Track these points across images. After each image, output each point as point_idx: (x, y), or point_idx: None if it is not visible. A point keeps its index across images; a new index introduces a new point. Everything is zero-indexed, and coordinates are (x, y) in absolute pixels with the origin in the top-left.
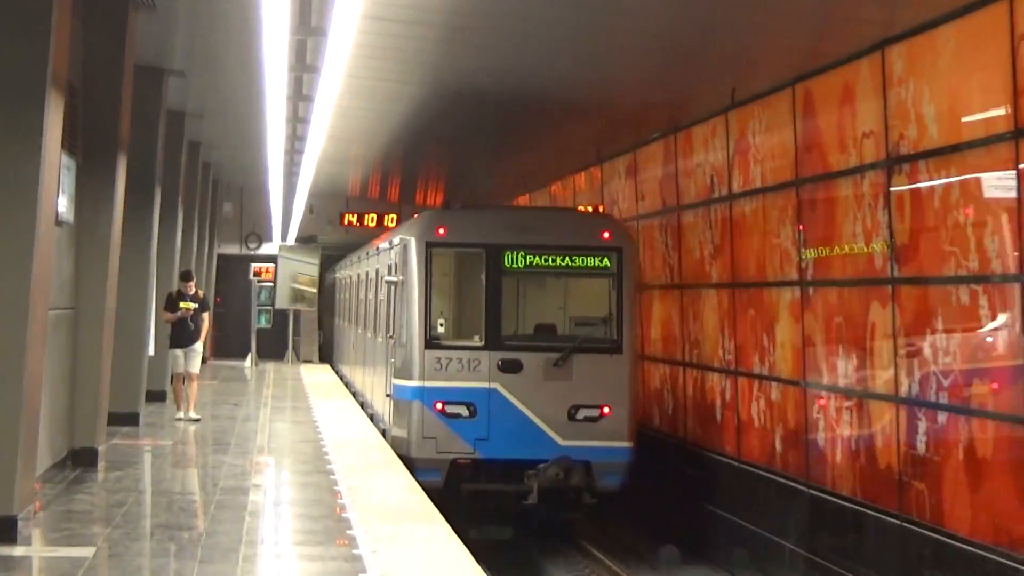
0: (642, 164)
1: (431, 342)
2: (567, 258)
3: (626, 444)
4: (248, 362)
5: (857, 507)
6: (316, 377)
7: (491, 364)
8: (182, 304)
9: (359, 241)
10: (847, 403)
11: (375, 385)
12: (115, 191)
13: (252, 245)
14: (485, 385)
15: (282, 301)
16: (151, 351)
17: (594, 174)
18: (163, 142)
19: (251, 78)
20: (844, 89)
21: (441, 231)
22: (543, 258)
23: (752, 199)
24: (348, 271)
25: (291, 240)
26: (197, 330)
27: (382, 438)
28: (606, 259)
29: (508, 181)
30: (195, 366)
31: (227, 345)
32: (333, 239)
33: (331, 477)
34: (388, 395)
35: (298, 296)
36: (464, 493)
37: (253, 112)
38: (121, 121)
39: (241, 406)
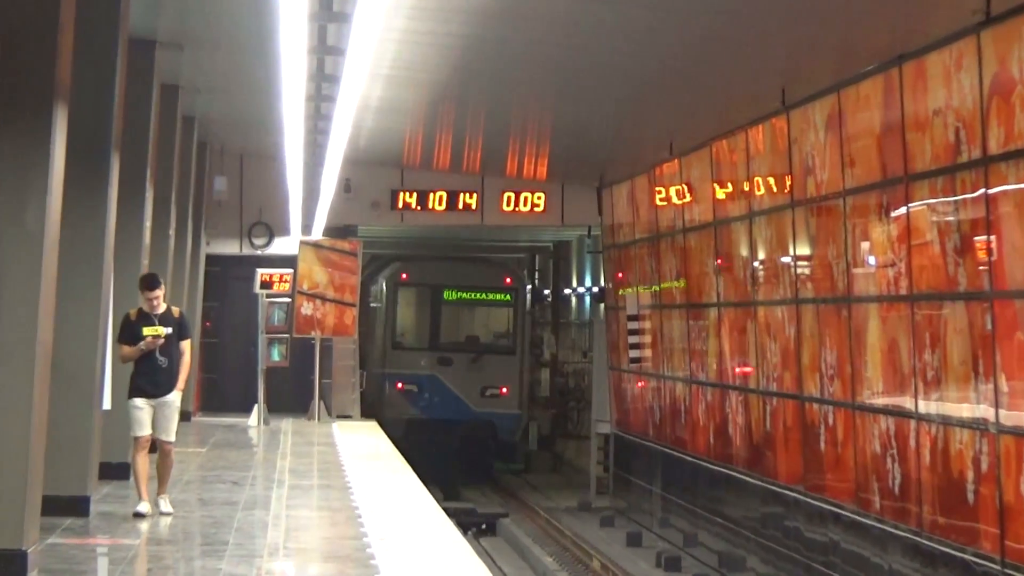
0: (850, 111)
1: (396, 344)
2: (484, 294)
3: (517, 411)
4: (253, 419)
5: None
6: (356, 440)
7: (433, 359)
8: (146, 330)
9: (421, 235)
10: None
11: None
12: (50, 162)
13: (259, 241)
14: (428, 372)
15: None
16: (107, 403)
17: (778, 127)
18: (123, 86)
19: None
20: None
21: (404, 276)
22: (469, 293)
23: (1019, 164)
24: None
25: (318, 233)
26: (171, 370)
27: (460, 535)
28: (508, 295)
29: (645, 139)
30: (168, 429)
31: (221, 393)
32: (381, 230)
33: None
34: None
35: (327, 316)
36: (415, 441)
37: (258, 40)
38: (59, 55)
39: (243, 485)
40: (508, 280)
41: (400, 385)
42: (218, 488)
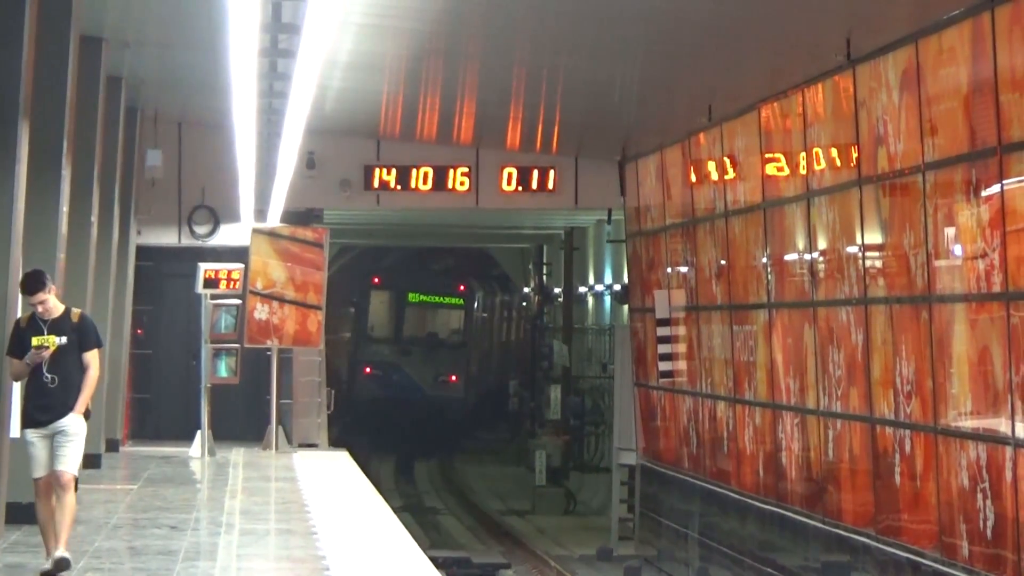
0: (930, 66)
1: (367, 338)
2: (442, 298)
3: (463, 396)
4: (196, 448)
5: None
6: (323, 475)
7: (396, 350)
8: (35, 340)
9: (401, 221)
10: None
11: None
12: None
13: (201, 229)
14: (392, 360)
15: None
16: (16, 431)
17: (841, 85)
18: (34, 39)
19: None
20: None
21: (376, 280)
22: (430, 297)
23: None
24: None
25: (274, 219)
26: (66, 389)
27: None
28: (461, 300)
29: (679, 102)
30: (64, 457)
31: (156, 417)
32: (353, 215)
33: None
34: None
35: (286, 322)
36: (378, 416)
37: None
38: None
39: (184, 531)
40: (462, 287)
41: (368, 370)
42: (153, 534)
